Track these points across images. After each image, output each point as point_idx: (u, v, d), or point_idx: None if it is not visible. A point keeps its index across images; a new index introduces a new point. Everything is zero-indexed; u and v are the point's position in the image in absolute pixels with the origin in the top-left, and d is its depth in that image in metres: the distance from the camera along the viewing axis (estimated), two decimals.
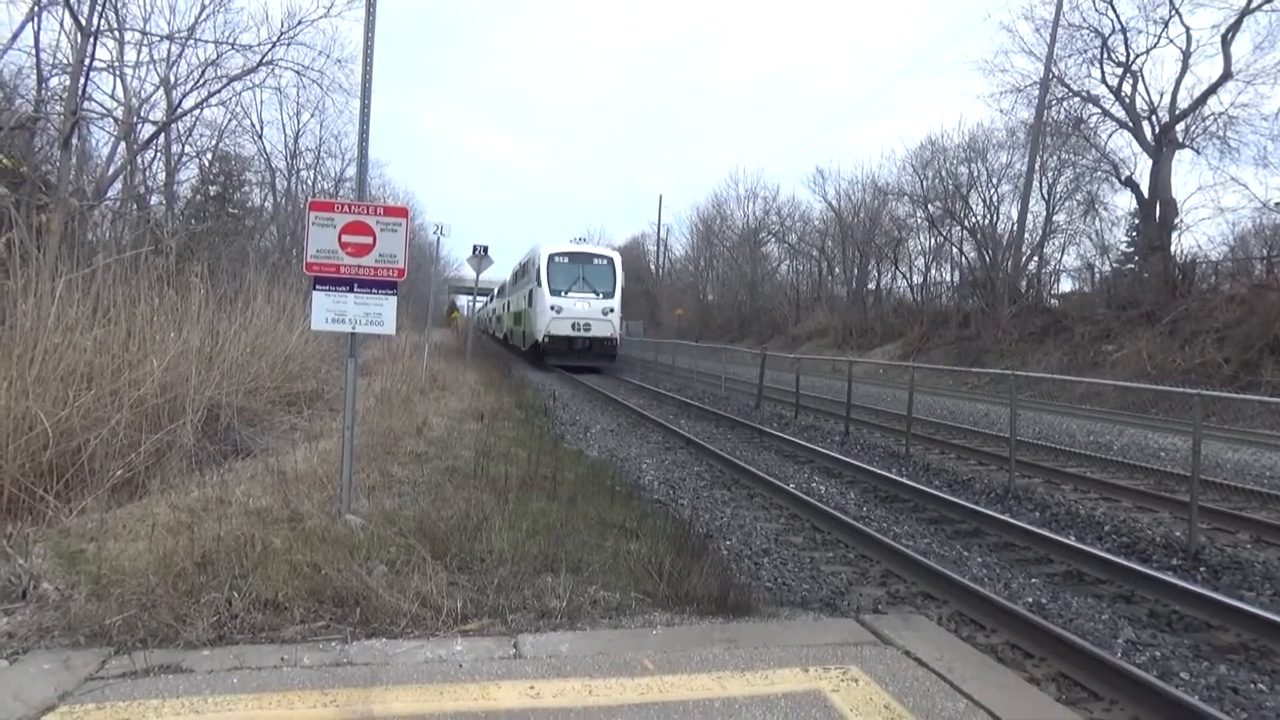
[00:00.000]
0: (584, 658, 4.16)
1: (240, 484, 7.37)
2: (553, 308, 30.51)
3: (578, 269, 31.38)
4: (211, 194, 29.30)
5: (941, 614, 5.78)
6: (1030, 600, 6.21)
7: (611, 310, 31.38)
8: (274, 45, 20.62)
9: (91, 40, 16.86)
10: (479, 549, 5.66)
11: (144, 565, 4.99)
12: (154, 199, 23.60)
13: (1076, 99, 33.18)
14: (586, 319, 30.82)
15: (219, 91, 21.86)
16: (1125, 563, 6.88)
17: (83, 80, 16.72)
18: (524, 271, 36.91)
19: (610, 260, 32.54)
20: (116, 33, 19.03)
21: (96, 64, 17.77)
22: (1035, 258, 37.60)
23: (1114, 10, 30.73)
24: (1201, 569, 7.23)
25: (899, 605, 6.03)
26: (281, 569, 4.94)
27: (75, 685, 3.68)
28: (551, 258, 31.39)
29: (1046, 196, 37.10)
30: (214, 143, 26.98)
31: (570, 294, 30.72)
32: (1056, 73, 32.97)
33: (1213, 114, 29.59)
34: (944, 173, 41.04)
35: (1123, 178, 32.86)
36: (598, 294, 31.16)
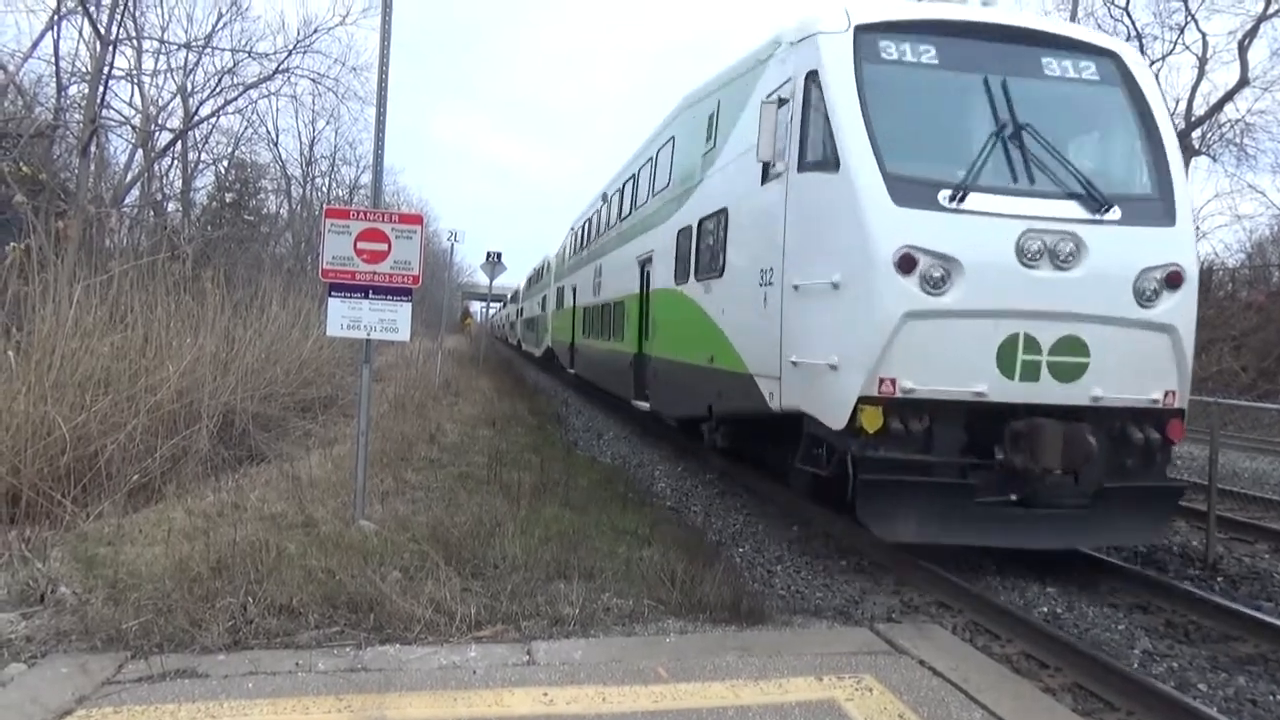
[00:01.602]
0: (597, 665, 4.16)
1: (255, 489, 7.41)
2: (902, 263, 6.01)
3: (1008, 91, 6.68)
4: (227, 200, 29.54)
5: (956, 623, 5.74)
6: (1045, 610, 6.16)
7: (1178, 278, 6.48)
8: (290, 53, 20.90)
9: (110, 49, 17.06)
10: (492, 555, 5.68)
11: (160, 570, 5.02)
12: (171, 205, 23.87)
13: None
14: (1074, 314, 6.21)
15: (235, 99, 22.14)
16: (1142, 571, 6.82)
17: (101, 88, 16.93)
18: (675, 141, 11.62)
19: (1122, 68, 7.14)
20: (135, 41, 19.29)
21: (115, 72, 18.03)
22: None
23: (1129, 17, 30.60)
24: (1219, 579, 7.16)
25: (913, 614, 6.00)
26: (296, 574, 4.97)
27: (92, 689, 3.70)
28: (876, 45, 6.71)
29: None
30: (230, 150, 27.28)
31: (1005, 192, 6.34)
32: None
33: (1229, 121, 29.45)
34: None
35: None
36: (1093, 200, 6.37)
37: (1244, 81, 28.08)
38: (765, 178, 7.51)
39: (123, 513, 6.59)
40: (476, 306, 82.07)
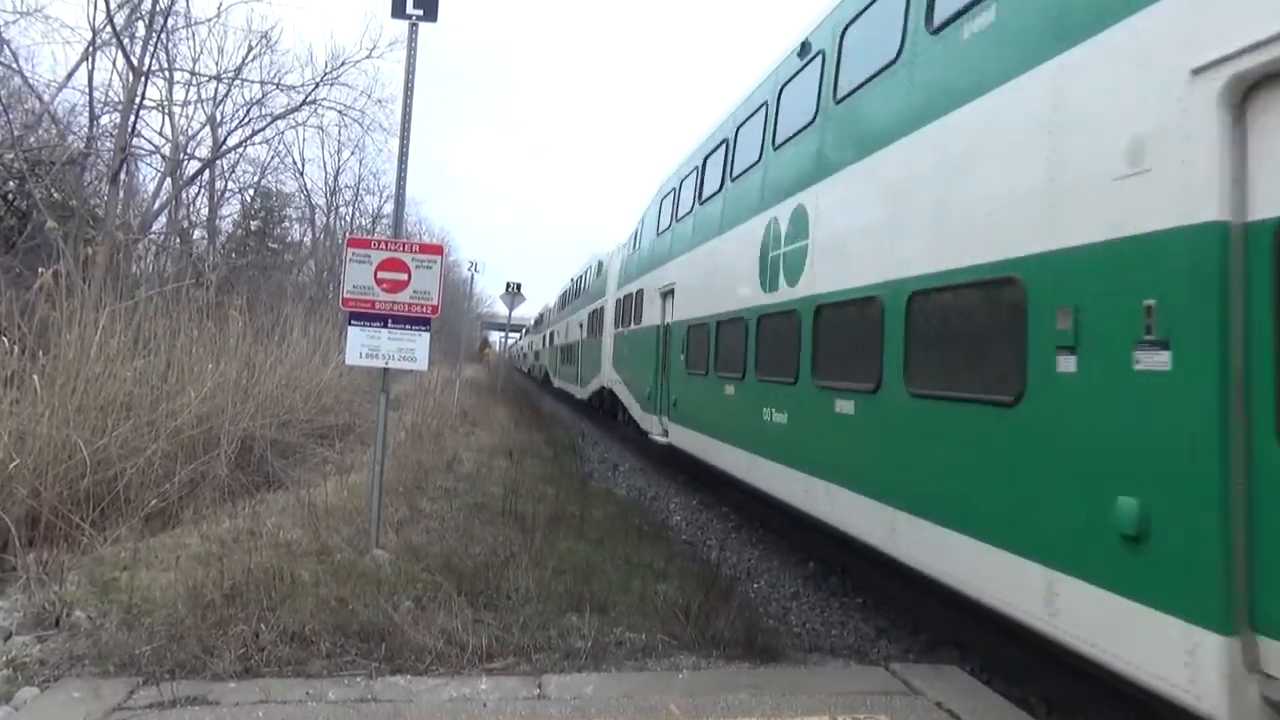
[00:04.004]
0: (609, 700, 4.12)
1: (271, 516, 7.43)
2: None
3: None
4: (252, 229, 29.92)
5: (974, 664, 5.64)
6: None
7: None
8: (317, 85, 21.18)
9: (142, 80, 17.42)
10: (505, 587, 5.65)
11: (174, 596, 5.04)
12: (197, 233, 24.17)
13: None
14: None
15: (263, 129, 22.45)
16: None
17: (133, 118, 17.25)
18: None
19: None
20: (166, 73, 19.66)
21: (146, 102, 18.36)
22: None
23: None
24: None
25: (930, 654, 5.91)
26: (309, 602, 4.96)
27: (103, 715, 3.70)
28: None
29: None
30: (256, 179, 27.62)
31: None
32: None
33: None
34: None
35: None
36: None
37: None
38: None
39: (140, 537, 6.62)
40: (495, 336, 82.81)
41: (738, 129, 10.05)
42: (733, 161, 10.13)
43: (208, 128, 22.53)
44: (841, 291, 6.58)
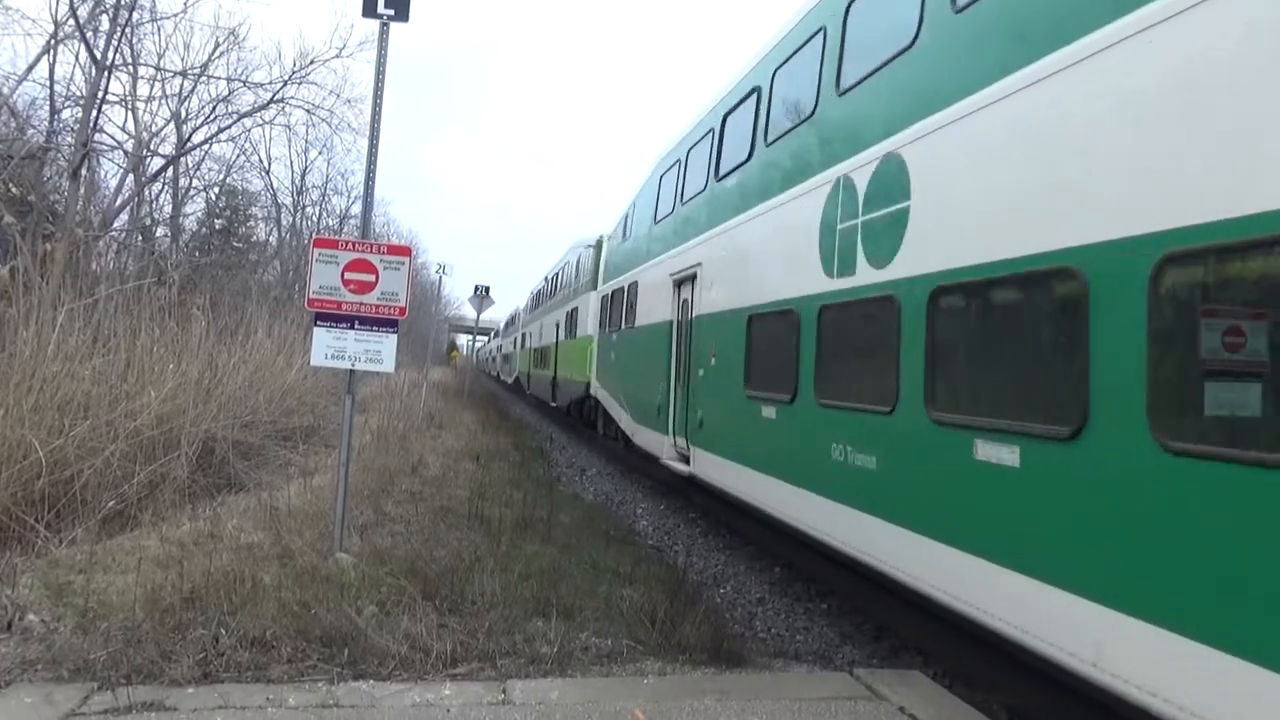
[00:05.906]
0: (574, 705, 4.10)
1: (232, 519, 7.33)
2: None
3: None
4: (217, 227, 29.50)
5: (937, 670, 5.70)
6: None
7: None
8: (285, 84, 20.97)
9: (105, 74, 17.14)
10: (470, 591, 5.61)
11: (131, 599, 4.94)
12: (159, 231, 23.78)
13: None
14: None
15: (229, 127, 22.17)
16: None
17: (95, 113, 16.99)
18: None
19: None
20: (130, 67, 19.35)
21: (109, 97, 18.07)
22: None
23: None
24: None
25: (894, 659, 5.96)
26: (270, 607, 4.89)
27: None
28: None
29: None
30: (221, 177, 27.25)
31: None
32: None
33: None
34: None
35: None
36: None
37: None
38: None
39: (96, 539, 6.49)
40: (463, 340, 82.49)
41: None
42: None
43: (172, 124, 22.26)
44: None
